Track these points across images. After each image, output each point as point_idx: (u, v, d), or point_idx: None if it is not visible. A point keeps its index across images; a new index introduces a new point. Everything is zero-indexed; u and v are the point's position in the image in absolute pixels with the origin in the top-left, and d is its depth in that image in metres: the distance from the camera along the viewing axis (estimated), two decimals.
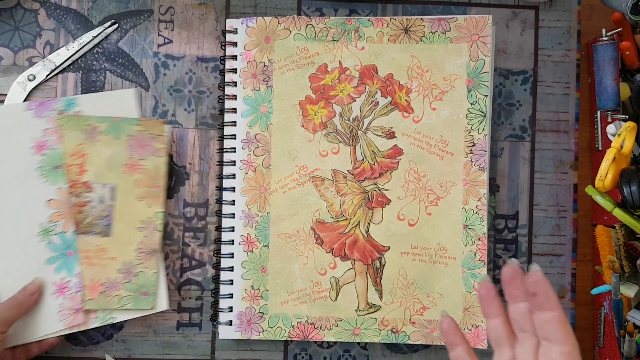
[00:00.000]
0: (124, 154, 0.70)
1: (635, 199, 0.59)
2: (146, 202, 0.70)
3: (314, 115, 0.71)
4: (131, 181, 0.70)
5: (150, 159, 0.70)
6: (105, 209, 0.70)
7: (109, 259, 0.69)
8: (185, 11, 0.73)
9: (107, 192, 0.70)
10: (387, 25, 0.70)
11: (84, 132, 0.69)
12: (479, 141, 0.70)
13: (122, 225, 0.70)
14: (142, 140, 0.70)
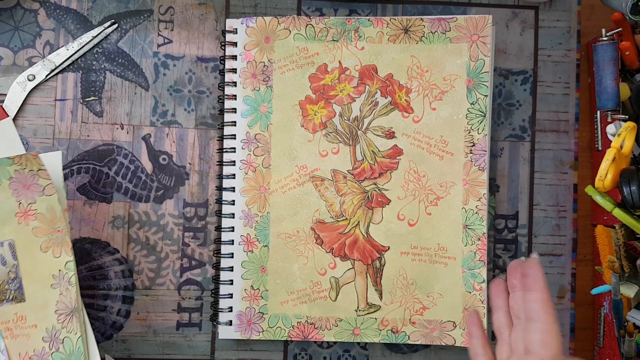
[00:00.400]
0: (11, 201, 0.61)
1: (635, 199, 0.59)
2: (52, 252, 0.61)
3: (314, 115, 0.71)
4: (29, 231, 0.61)
5: (40, 201, 0.61)
6: (10, 270, 0.61)
7: (31, 327, 0.61)
8: (185, 11, 0.73)
9: (7, 250, 0.61)
10: (387, 25, 0.70)
11: None
12: (478, 141, 0.70)
13: (33, 286, 0.61)
14: (24, 180, 0.61)
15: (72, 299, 0.61)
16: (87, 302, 0.71)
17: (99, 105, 0.72)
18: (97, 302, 0.71)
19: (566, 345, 0.73)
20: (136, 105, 0.72)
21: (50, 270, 0.61)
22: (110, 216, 0.72)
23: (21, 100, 0.71)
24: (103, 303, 0.71)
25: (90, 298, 0.71)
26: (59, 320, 0.61)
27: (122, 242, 0.72)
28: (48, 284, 0.61)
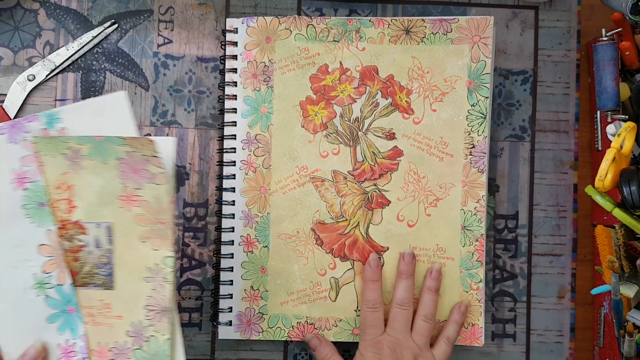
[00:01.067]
0: (116, 182, 0.56)
1: (635, 199, 0.59)
2: (151, 243, 0.56)
3: (315, 115, 0.71)
4: (130, 217, 0.56)
5: (148, 188, 0.56)
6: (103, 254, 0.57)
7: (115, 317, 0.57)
8: (185, 11, 0.73)
9: (103, 233, 0.57)
10: (388, 26, 0.70)
11: (66, 157, 0.56)
12: (478, 143, 0.70)
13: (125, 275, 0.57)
14: (134, 163, 0.55)
15: (166, 297, 0.56)
16: None
17: None
18: None
19: (566, 345, 0.73)
20: (136, 105, 0.72)
21: (146, 262, 0.57)
22: None
23: (21, 100, 0.71)
24: None
25: None
26: (148, 316, 0.57)
27: None
28: (141, 276, 0.57)
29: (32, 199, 0.57)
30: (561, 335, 0.73)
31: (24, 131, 0.57)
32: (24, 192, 0.57)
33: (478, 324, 0.70)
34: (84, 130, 0.58)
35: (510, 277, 0.73)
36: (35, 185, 0.57)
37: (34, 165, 0.57)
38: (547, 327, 0.73)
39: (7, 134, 0.57)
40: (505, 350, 0.73)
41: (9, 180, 0.57)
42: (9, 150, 0.57)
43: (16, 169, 0.57)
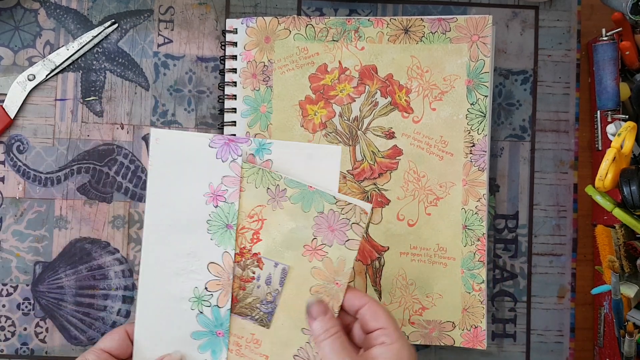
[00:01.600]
0: (307, 232, 0.57)
1: (635, 199, 0.59)
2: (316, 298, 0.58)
3: (314, 115, 0.71)
4: (308, 268, 0.57)
5: (337, 249, 0.57)
6: (270, 292, 0.58)
7: (262, 355, 0.58)
8: (185, 11, 0.73)
9: (278, 273, 0.58)
10: (387, 26, 0.70)
11: (269, 192, 0.57)
12: (478, 141, 0.70)
13: (285, 319, 0.58)
14: (334, 222, 0.57)
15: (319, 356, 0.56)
16: (87, 301, 0.71)
17: (99, 105, 0.72)
18: (97, 302, 0.71)
19: (566, 345, 0.73)
20: (136, 105, 0.72)
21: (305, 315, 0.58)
22: (110, 216, 0.72)
23: (21, 100, 0.71)
24: (103, 303, 0.71)
25: (90, 298, 0.71)
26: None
27: (122, 241, 0.72)
28: (300, 325, 0.58)
29: (220, 217, 0.58)
30: (561, 335, 0.73)
31: (236, 153, 0.58)
32: (215, 208, 0.58)
33: (481, 326, 0.70)
34: (287, 167, 0.59)
35: (511, 277, 0.73)
36: (228, 206, 0.58)
37: (234, 187, 0.58)
38: (547, 327, 0.73)
39: (217, 149, 0.58)
40: (506, 350, 0.73)
41: (203, 193, 0.58)
42: (215, 165, 0.58)
43: (214, 185, 0.58)
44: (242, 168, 0.57)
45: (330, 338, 0.56)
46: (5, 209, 0.71)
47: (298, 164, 0.59)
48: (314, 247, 0.58)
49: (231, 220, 0.58)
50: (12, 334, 0.71)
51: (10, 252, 0.71)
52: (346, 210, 0.58)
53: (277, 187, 0.58)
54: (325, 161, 0.59)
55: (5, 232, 0.71)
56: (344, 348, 0.55)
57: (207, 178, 0.58)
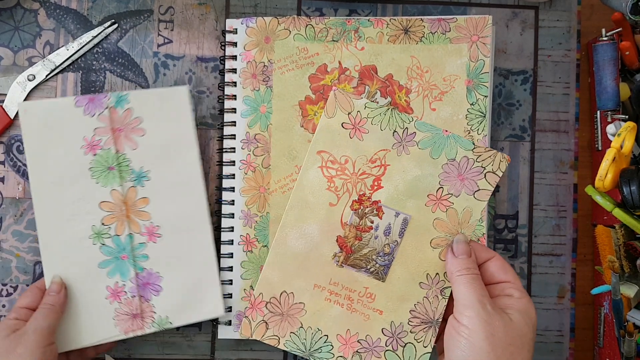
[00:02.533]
0: (434, 180, 0.57)
1: (635, 199, 0.59)
2: (439, 252, 0.57)
3: (314, 115, 0.71)
4: (430, 219, 0.57)
5: (464, 199, 0.57)
6: (388, 244, 0.57)
7: (376, 310, 0.57)
8: (185, 11, 0.73)
9: (399, 223, 0.57)
10: (387, 26, 0.70)
11: (395, 135, 0.57)
12: (478, 142, 0.70)
13: (402, 273, 0.57)
14: (466, 170, 0.57)
15: (438, 311, 0.56)
16: None
17: None
18: None
19: (566, 345, 0.73)
20: None
21: (427, 268, 0.57)
22: None
23: (21, 100, 0.71)
24: None
25: None
26: (411, 322, 0.57)
27: None
28: (418, 280, 0.57)
29: (100, 163, 0.65)
30: (561, 335, 0.73)
31: (100, 107, 0.65)
32: (94, 157, 0.65)
33: None
34: (145, 112, 0.66)
35: None
36: (106, 152, 0.65)
37: (107, 135, 0.65)
38: (547, 327, 0.73)
39: (83, 107, 0.65)
40: None
41: (80, 146, 0.65)
42: (84, 121, 0.65)
43: (88, 137, 0.65)
44: (366, 108, 0.56)
45: (469, 275, 0.55)
46: (5, 209, 0.71)
47: (153, 106, 0.67)
48: (439, 197, 0.57)
49: (110, 163, 0.65)
50: None
51: (10, 252, 0.71)
52: (484, 157, 0.56)
53: (405, 130, 0.57)
54: (177, 100, 0.67)
55: (5, 232, 0.71)
56: (482, 288, 0.55)
57: (80, 133, 0.65)
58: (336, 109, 0.57)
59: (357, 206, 0.57)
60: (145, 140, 0.67)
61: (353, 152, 0.57)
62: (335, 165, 0.57)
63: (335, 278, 0.58)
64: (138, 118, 0.66)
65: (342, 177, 0.58)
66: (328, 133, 0.58)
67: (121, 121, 0.66)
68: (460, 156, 0.56)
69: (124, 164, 0.66)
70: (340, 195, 0.58)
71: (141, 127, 0.67)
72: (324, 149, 0.58)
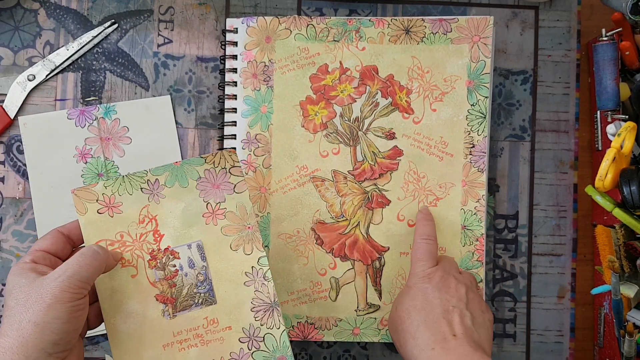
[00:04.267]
0: (198, 202, 0.61)
1: (635, 199, 0.59)
2: (242, 250, 0.60)
3: (315, 115, 0.71)
4: (217, 231, 0.60)
5: (230, 199, 0.61)
6: (199, 272, 0.60)
7: (224, 329, 0.60)
8: (185, 11, 0.73)
9: (195, 252, 0.60)
10: (388, 26, 0.70)
11: (143, 191, 0.60)
12: (478, 142, 0.70)
13: (225, 286, 0.60)
14: (214, 179, 0.61)
15: (270, 293, 0.60)
16: None
17: None
18: None
19: (566, 345, 0.73)
20: None
21: (242, 268, 0.60)
22: None
23: (21, 100, 0.71)
24: None
25: None
26: (257, 317, 0.60)
27: None
28: (241, 282, 0.60)
29: (91, 170, 0.70)
30: (561, 335, 0.73)
31: (91, 118, 0.71)
32: (85, 165, 0.70)
33: None
34: (131, 121, 0.71)
35: (510, 277, 0.73)
36: (95, 160, 0.70)
37: (96, 144, 0.70)
38: (547, 327, 0.73)
39: (75, 119, 0.71)
40: (505, 350, 0.73)
41: (72, 155, 0.70)
42: (76, 132, 0.71)
43: (80, 147, 0.71)
44: (105, 187, 0.60)
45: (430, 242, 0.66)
46: (5, 209, 0.71)
47: (139, 116, 0.71)
48: (212, 211, 0.61)
49: (100, 169, 0.70)
50: None
51: (10, 252, 0.71)
52: (217, 161, 0.61)
53: (148, 182, 0.60)
54: (161, 110, 0.72)
55: (5, 232, 0.71)
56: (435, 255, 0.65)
57: (72, 143, 0.70)
58: (84, 204, 0.60)
59: (154, 263, 0.60)
60: (132, 148, 0.71)
61: (122, 226, 0.60)
62: (116, 244, 0.60)
63: (176, 328, 0.60)
64: (125, 127, 0.71)
65: (127, 249, 0.60)
66: (92, 226, 0.60)
67: (109, 131, 0.71)
68: (202, 171, 0.61)
69: (112, 170, 0.71)
70: (135, 264, 0.60)
71: (128, 136, 0.71)
72: (97, 239, 0.60)
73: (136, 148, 0.71)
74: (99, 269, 0.56)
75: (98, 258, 0.56)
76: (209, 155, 0.61)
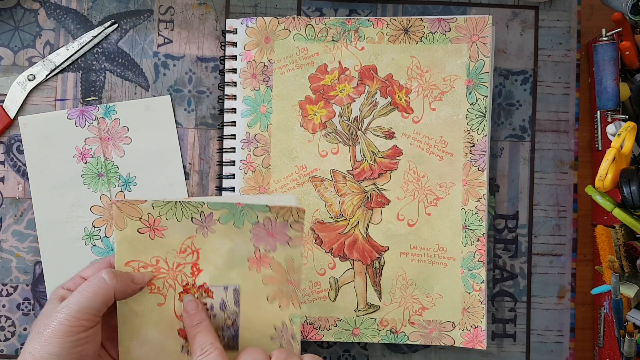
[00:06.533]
0: (247, 246, 0.57)
1: (635, 199, 0.59)
2: (278, 303, 0.57)
3: (314, 115, 0.71)
4: (258, 279, 0.57)
5: (281, 250, 0.57)
6: (229, 317, 0.58)
7: None
8: (185, 11, 0.73)
9: (230, 295, 0.58)
10: (387, 26, 0.70)
11: (193, 221, 0.57)
12: (478, 142, 0.70)
13: (250, 335, 0.58)
14: (272, 228, 0.57)
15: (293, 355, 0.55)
16: None
17: None
18: None
19: (566, 345, 0.73)
20: None
21: (273, 321, 0.58)
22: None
23: (21, 100, 0.71)
24: None
25: None
26: None
27: None
28: (268, 334, 0.58)
29: (91, 170, 0.70)
30: (561, 335, 0.73)
31: (89, 118, 0.71)
32: (85, 165, 0.70)
33: (481, 326, 0.70)
34: (131, 121, 0.71)
35: (510, 277, 0.73)
36: (95, 160, 0.70)
37: (96, 144, 0.70)
38: (547, 327, 0.73)
39: (75, 119, 0.71)
40: (505, 350, 0.73)
41: (72, 155, 0.70)
42: (76, 132, 0.71)
43: (80, 147, 0.70)
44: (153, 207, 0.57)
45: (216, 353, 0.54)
46: (5, 209, 0.71)
47: (139, 116, 0.71)
48: (259, 258, 0.57)
49: (99, 169, 0.70)
50: (12, 334, 0.71)
51: (10, 252, 0.71)
52: (282, 213, 0.56)
53: (201, 213, 0.57)
54: (161, 110, 0.72)
55: (5, 232, 0.71)
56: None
57: (72, 143, 0.70)
58: (124, 219, 0.57)
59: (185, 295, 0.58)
60: (132, 148, 0.71)
61: (160, 251, 0.57)
62: (149, 268, 0.57)
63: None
64: (125, 127, 0.71)
65: (160, 276, 0.58)
66: (128, 244, 0.57)
67: (109, 131, 0.71)
68: (262, 218, 0.57)
69: (112, 170, 0.71)
70: (165, 293, 0.58)
71: (128, 136, 0.71)
72: (130, 259, 0.57)
73: (136, 148, 0.71)
74: (106, 298, 0.53)
75: (104, 287, 0.53)
76: (276, 206, 0.57)
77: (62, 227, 0.70)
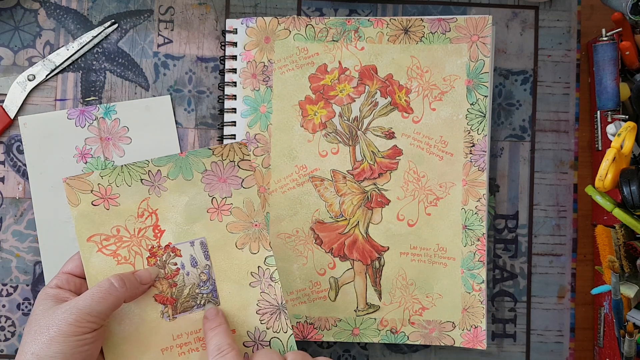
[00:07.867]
0: (203, 196, 0.57)
1: (635, 199, 0.59)
2: (249, 248, 0.58)
3: (314, 115, 0.71)
4: (222, 228, 0.57)
5: (237, 194, 0.58)
6: (202, 272, 0.57)
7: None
8: (185, 11, 0.73)
9: (198, 249, 0.57)
10: (387, 26, 0.70)
11: (144, 182, 0.57)
12: (478, 142, 0.70)
13: (229, 287, 0.57)
14: (222, 172, 0.58)
15: (278, 295, 0.57)
16: None
17: None
18: None
19: (566, 345, 0.73)
20: None
21: (247, 268, 0.57)
22: None
23: (21, 100, 0.71)
24: None
25: None
26: (262, 321, 0.57)
27: None
28: (246, 282, 0.57)
29: (90, 170, 0.69)
30: (561, 335, 0.73)
31: (89, 118, 0.70)
32: (85, 165, 0.70)
33: (481, 326, 0.70)
34: (132, 121, 0.71)
35: (510, 277, 0.73)
36: (95, 160, 0.70)
37: (96, 144, 0.70)
38: (547, 327, 0.73)
39: (75, 119, 0.70)
40: (505, 350, 0.73)
41: (72, 155, 0.70)
42: (76, 132, 0.70)
43: (80, 147, 0.70)
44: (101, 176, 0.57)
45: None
46: (5, 209, 0.71)
47: (139, 116, 0.71)
48: (217, 207, 0.58)
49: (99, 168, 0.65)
50: (12, 334, 0.71)
51: (10, 252, 0.71)
52: (225, 154, 0.57)
53: (149, 173, 0.57)
54: (161, 110, 0.72)
55: (5, 232, 0.71)
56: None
57: (72, 143, 0.70)
58: (77, 195, 0.57)
59: (153, 260, 0.57)
60: (132, 148, 0.71)
61: (119, 219, 0.57)
62: (111, 239, 0.57)
63: (175, 331, 0.57)
64: (125, 127, 0.71)
65: (124, 245, 0.57)
66: (85, 219, 0.57)
67: (109, 131, 0.71)
68: (209, 164, 0.57)
69: None
70: (133, 261, 0.57)
71: (128, 136, 0.71)
72: (91, 234, 0.57)
73: (136, 148, 0.71)
74: (114, 304, 0.54)
75: (114, 293, 0.54)
76: (218, 146, 0.58)
77: (62, 227, 0.70)
